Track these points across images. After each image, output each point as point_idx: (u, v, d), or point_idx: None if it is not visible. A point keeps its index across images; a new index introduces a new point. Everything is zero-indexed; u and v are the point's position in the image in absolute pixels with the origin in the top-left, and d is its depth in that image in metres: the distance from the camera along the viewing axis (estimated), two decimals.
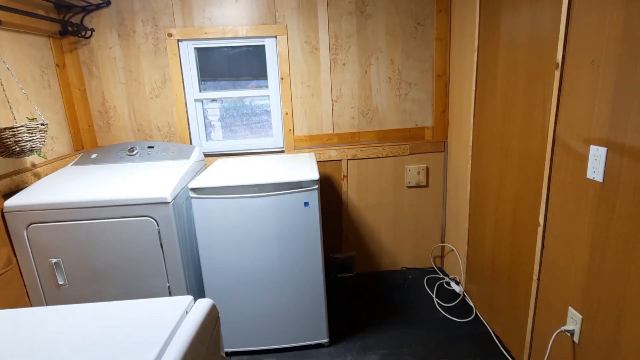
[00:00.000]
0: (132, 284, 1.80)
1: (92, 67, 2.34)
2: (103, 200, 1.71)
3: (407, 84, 2.54)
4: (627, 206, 1.18)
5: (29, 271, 1.74)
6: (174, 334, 0.81)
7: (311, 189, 1.86)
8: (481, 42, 2.04)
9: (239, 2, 2.32)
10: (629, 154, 1.16)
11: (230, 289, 1.94)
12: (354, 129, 2.58)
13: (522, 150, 1.73)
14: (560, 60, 1.42)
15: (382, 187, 2.67)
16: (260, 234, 1.89)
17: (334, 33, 2.42)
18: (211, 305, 0.95)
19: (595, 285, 1.33)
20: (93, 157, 2.18)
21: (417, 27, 2.45)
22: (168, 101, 2.42)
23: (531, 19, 1.60)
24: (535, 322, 1.71)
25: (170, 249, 1.78)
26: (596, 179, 1.29)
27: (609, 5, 1.20)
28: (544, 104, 1.55)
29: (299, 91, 2.49)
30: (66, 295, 1.79)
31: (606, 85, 1.23)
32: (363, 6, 2.39)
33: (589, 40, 1.29)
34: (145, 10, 2.29)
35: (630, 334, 1.20)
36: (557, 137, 1.48)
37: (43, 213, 1.70)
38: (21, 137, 1.64)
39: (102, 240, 1.74)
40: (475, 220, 2.24)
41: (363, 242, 2.77)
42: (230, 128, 2.63)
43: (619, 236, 1.22)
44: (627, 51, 1.15)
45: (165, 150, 2.23)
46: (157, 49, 2.35)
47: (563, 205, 1.47)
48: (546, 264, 1.60)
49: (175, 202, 1.77)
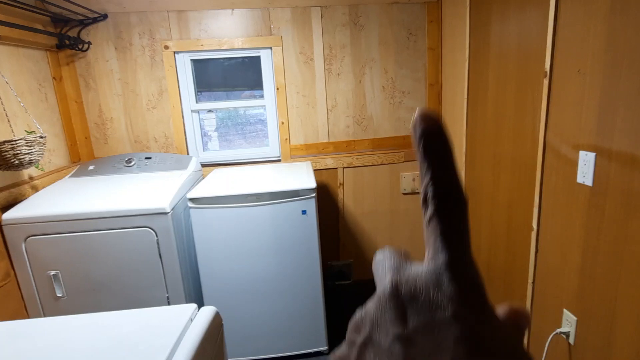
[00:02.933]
0: (131, 295, 1.80)
1: (89, 80, 2.36)
2: (101, 211, 1.72)
3: (401, 93, 2.58)
4: (616, 209, 1.22)
5: (27, 284, 1.74)
6: (180, 341, 0.83)
7: (308, 198, 1.88)
8: (472, 52, 2.09)
9: (234, 15, 2.36)
10: (616, 158, 1.20)
11: (229, 298, 1.95)
12: (349, 137, 2.61)
13: (514, 156, 1.77)
14: (549, 69, 1.47)
15: (378, 194, 2.71)
16: (258, 243, 1.90)
17: (328, 44, 2.46)
18: (215, 313, 0.96)
19: (588, 287, 1.37)
20: (90, 169, 2.18)
21: (410, 37, 2.51)
22: (165, 112, 2.44)
23: (520, 30, 1.65)
24: (532, 325, 1.73)
25: (169, 259, 1.78)
26: (586, 184, 1.33)
27: (593, 17, 1.25)
28: (534, 111, 1.59)
29: (294, 101, 2.52)
30: (64, 308, 1.78)
31: (593, 93, 1.28)
32: (356, 18, 2.45)
33: (575, 50, 1.34)
34: (142, 24, 2.32)
35: (624, 334, 1.23)
36: (548, 143, 1.52)
37: (41, 225, 1.70)
38: (20, 150, 1.65)
39: (101, 251, 1.74)
40: (470, 225, 2.27)
41: (360, 250, 2.79)
42: (226, 138, 2.65)
43: (609, 239, 1.25)
44: (611, 60, 1.19)
45: (162, 161, 2.24)
46: (153, 61, 2.37)
47: (555, 209, 1.51)
48: (540, 267, 1.63)
49: (173, 212, 1.78)
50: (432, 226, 0.24)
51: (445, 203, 0.24)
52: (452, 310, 0.21)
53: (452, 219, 0.24)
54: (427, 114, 0.24)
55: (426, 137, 0.24)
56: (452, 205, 0.24)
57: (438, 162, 0.24)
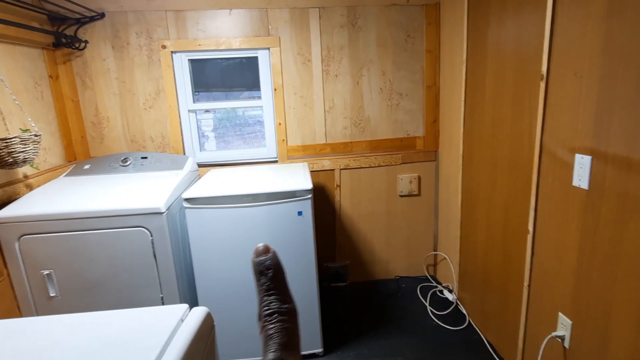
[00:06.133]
0: (125, 295, 1.79)
1: (85, 79, 2.35)
2: (96, 210, 1.71)
3: (399, 95, 2.58)
4: (611, 212, 1.21)
5: (20, 283, 1.73)
6: (170, 342, 0.82)
7: (304, 199, 1.87)
8: (470, 54, 2.09)
9: (232, 15, 2.36)
10: (612, 162, 1.20)
11: (224, 299, 1.94)
12: (346, 139, 2.61)
13: (510, 158, 1.77)
14: (545, 72, 1.47)
15: (375, 196, 2.70)
16: (253, 244, 1.88)
17: (326, 45, 2.46)
18: (206, 313, 0.95)
19: (584, 290, 1.36)
20: (86, 168, 2.17)
21: (408, 39, 2.51)
22: (162, 112, 2.44)
23: (517, 32, 1.65)
24: (527, 329, 1.73)
25: (164, 260, 1.77)
26: (582, 187, 1.33)
27: (590, 20, 1.25)
28: (531, 113, 1.59)
29: (292, 102, 2.52)
30: (58, 307, 1.77)
31: (589, 95, 1.27)
32: (354, 19, 2.45)
33: (572, 53, 1.34)
34: (139, 23, 2.31)
35: (619, 338, 1.22)
36: (544, 145, 1.52)
37: (35, 224, 1.69)
38: (14, 149, 1.64)
39: (95, 251, 1.73)
40: (466, 228, 2.27)
41: (357, 251, 2.79)
42: (223, 138, 2.64)
43: (605, 242, 1.25)
44: (608, 63, 1.19)
45: (158, 160, 2.24)
46: (150, 61, 2.37)
47: (551, 212, 1.50)
48: (536, 270, 1.63)
49: (169, 212, 1.78)
50: (264, 333, 0.32)
51: (280, 318, 0.32)
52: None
53: (282, 330, 0.32)
54: (261, 250, 0.33)
55: (261, 268, 0.33)
56: (284, 319, 0.32)
57: (274, 286, 0.32)
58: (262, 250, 0.31)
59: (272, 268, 0.31)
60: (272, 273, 0.31)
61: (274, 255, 0.32)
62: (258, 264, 0.31)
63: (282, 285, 0.31)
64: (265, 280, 0.30)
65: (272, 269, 0.30)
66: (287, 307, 0.30)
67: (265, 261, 0.31)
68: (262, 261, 0.31)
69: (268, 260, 0.31)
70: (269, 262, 0.31)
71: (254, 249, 0.32)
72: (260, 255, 0.32)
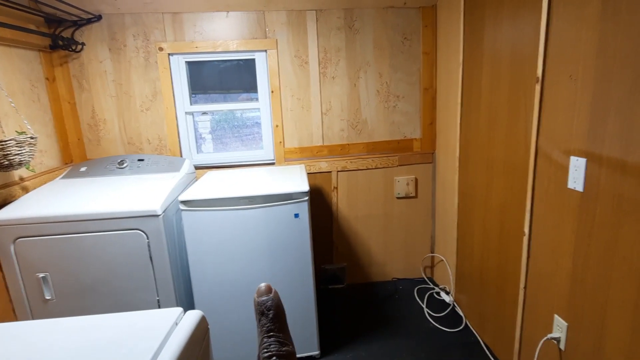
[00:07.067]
0: (121, 298, 1.78)
1: (82, 81, 2.35)
2: (92, 213, 1.70)
3: (395, 97, 2.59)
4: (606, 215, 1.22)
5: (15, 286, 1.72)
6: (163, 345, 0.81)
7: (301, 201, 1.87)
8: (466, 57, 2.10)
9: (229, 17, 2.36)
10: (606, 164, 1.21)
11: (221, 301, 1.94)
12: (343, 141, 2.61)
13: (506, 161, 1.77)
14: (541, 74, 1.47)
15: (372, 198, 2.70)
16: (250, 246, 1.89)
17: (323, 47, 2.47)
18: (201, 317, 0.95)
19: (579, 292, 1.36)
20: (82, 171, 2.17)
21: (404, 41, 2.51)
22: (159, 114, 2.44)
23: (512, 35, 1.66)
24: (523, 331, 1.73)
25: (160, 262, 1.77)
26: (577, 189, 1.33)
27: (584, 23, 1.26)
28: (526, 116, 1.60)
29: (289, 104, 2.52)
30: (53, 310, 1.77)
31: (584, 98, 1.28)
32: (351, 21, 2.45)
33: (567, 55, 1.34)
34: (136, 25, 2.31)
35: (614, 340, 1.23)
36: (539, 148, 1.52)
37: (31, 227, 1.68)
38: (10, 151, 1.63)
39: (91, 254, 1.73)
40: (463, 230, 2.28)
41: (354, 253, 2.78)
42: (220, 140, 2.64)
43: (599, 244, 1.25)
44: (602, 66, 1.20)
45: (155, 163, 2.23)
46: (147, 63, 2.36)
47: (547, 214, 1.51)
48: (532, 272, 1.63)
49: (165, 214, 1.77)
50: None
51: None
52: None
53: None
54: (263, 290, 0.35)
55: (262, 309, 0.34)
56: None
57: (274, 327, 0.33)
58: (264, 290, 0.33)
59: (273, 309, 0.32)
60: (273, 314, 0.32)
61: (276, 296, 0.34)
62: (260, 304, 0.33)
63: (282, 327, 0.32)
64: (266, 321, 0.31)
65: (273, 310, 0.32)
66: (286, 350, 0.31)
67: (267, 302, 0.33)
68: (263, 301, 0.33)
69: (269, 300, 0.33)
70: (270, 303, 0.33)
71: (257, 288, 0.34)
72: (262, 295, 0.33)
